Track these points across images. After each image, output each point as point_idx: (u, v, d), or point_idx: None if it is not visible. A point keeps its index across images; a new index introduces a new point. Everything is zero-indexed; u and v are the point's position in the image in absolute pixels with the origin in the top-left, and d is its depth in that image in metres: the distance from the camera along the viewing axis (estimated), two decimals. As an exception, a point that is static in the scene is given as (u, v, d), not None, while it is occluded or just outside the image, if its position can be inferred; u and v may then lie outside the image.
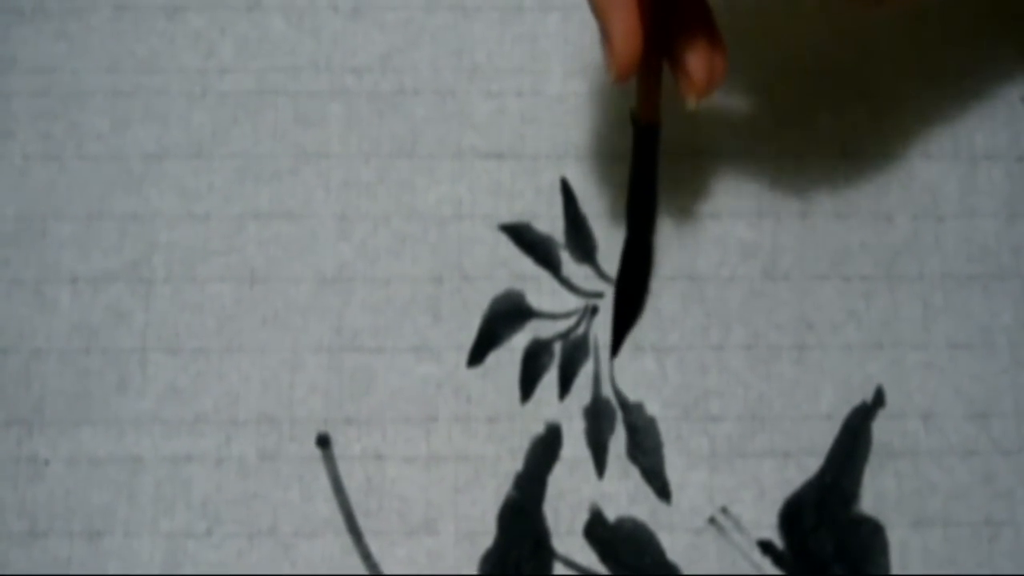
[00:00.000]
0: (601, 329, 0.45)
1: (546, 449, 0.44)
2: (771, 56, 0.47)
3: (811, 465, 0.44)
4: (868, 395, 0.44)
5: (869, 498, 0.43)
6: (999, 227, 0.46)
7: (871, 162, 0.47)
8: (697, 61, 0.39)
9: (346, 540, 0.43)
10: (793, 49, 0.48)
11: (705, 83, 0.39)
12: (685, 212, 0.46)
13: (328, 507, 0.43)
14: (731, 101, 0.47)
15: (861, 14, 0.46)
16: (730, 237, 0.46)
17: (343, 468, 0.43)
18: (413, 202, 0.46)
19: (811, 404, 0.44)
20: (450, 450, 0.44)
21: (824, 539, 0.43)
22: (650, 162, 0.43)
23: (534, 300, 0.45)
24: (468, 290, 0.45)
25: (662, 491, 0.43)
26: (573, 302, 0.45)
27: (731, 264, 0.46)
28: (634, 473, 0.44)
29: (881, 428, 0.44)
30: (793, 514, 0.43)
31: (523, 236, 0.46)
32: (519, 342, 0.45)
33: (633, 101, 0.42)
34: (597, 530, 0.43)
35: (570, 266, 0.46)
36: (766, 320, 0.45)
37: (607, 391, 0.44)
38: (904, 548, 0.43)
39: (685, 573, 0.42)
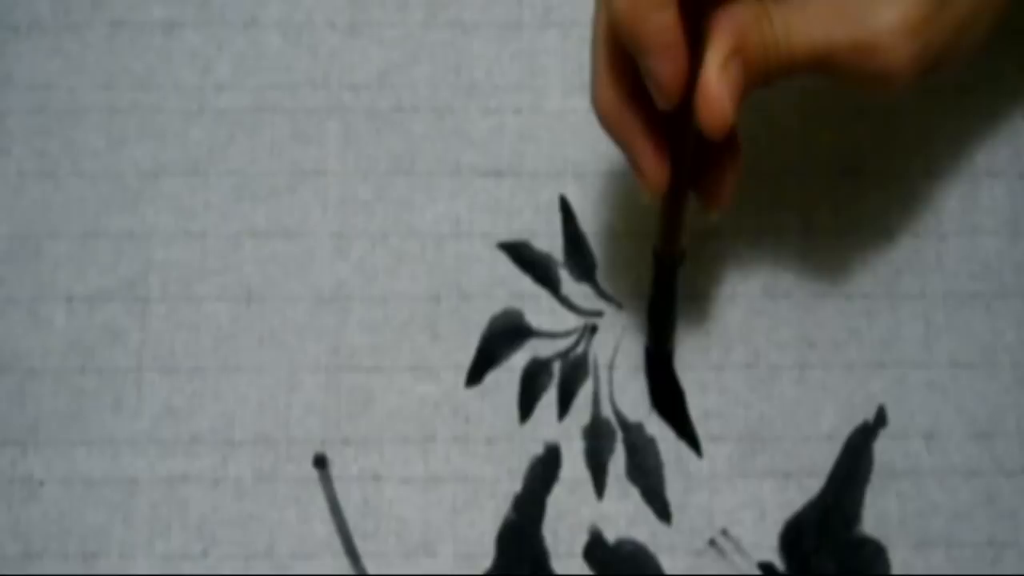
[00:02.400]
0: (600, 348, 0.45)
1: (545, 470, 0.43)
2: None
3: (812, 486, 0.43)
4: (870, 414, 0.44)
5: (871, 519, 0.43)
6: (1001, 245, 0.46)
7: (872, 179, 0.46)
8: (726, 185, 0.38)
9: (343, 562, 0.42)
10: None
11: (731, 198, 0.38)
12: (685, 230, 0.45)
13: (325, 528, 0.43)
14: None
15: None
16: (730, 255, 0.46)
17: (340, 489, 0.43)
18: (411, 220, 0.46)
19: (812, 424, 0.44)
20: (448, 471, 0.43)
21: (826, 561, 0.42)
22: (673, 290, 0.42)
23: (533, 319, 0.45)
24: (466, 309, 0.45)
25: (662, 512, 0.43)
26: (572, 321, 0.45)
27: (731, 282, 0.45)
28: (634, 494, 0.43)
29: (883, 448, 0.44)
30: (794, 536, 0.43)
31: (522, 254, 0.46)
32: (518, 361, 0.44)
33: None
34: (596, 552, 0.43)
35: (569, 284, 0.45)
36: (767, 339, 0.45)
37: (607, 411, 0.44)
38: (906, 569, 0.42)
39: (685, 595, 0.42)
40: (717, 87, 0.33)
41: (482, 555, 0.42)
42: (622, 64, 0.35)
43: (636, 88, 0.35)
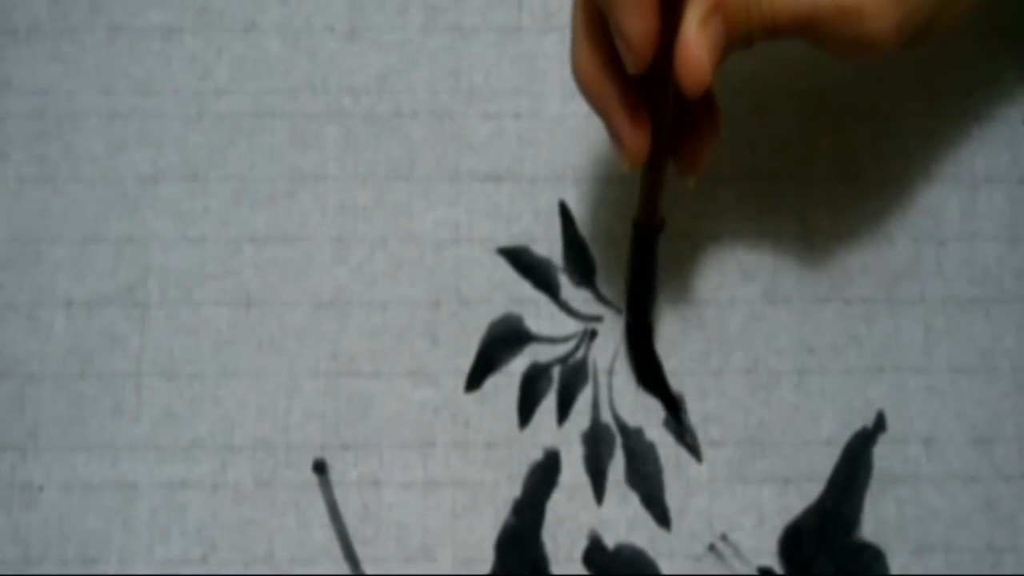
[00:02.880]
0: (600, 353, 0.45)
1: (544, 475, 0.43)
2: (771, 77, 0.47)
3: (811, 491, 0.43)
4: (869, 420, 0.44)
5: (870, 524, 0.43)
6: (1001, 250, 0.46)
7: (872, 184, 0.46)
8: (704, 151, 0.38)
9: (343, 567, 0.42)
10: (793, 70, 0.47)
11: (706, 164, 0.38)
12: (684, 235, 0.45)
13: (325, 534, 0.43)
14: (730, 122, 0.47)
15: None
16: (730, 260, 0.46)
17: (340, 494, 0.43)
18: (410, 225, 0.46)
19: (811, 429, 0.44)
20: (448, 476, 0.43)
21: (825, 566, 0.42)
22: (652, 259, 0.42)
23: (532, 324, 0.45)
24: (466, 314, 0.45)
25: (661, 517, 0.43)
26: (572, 326, 0.45)
27: (731, 287, 0.45)
28: (633, 499, 0.43)
29: (882, 453, 0.44)
30: (793, 541, 0.43)
31: (521, 259, 0.46)
32: (517, 367, 0.44)
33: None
34: (596, 557, 0.43)
35: (569, 289, 0.45)
36: (766, 344, 0.45)
37: (606, 416, 0.44)
38: (905, 575, 0.42)
39: (685, 601, 0.42)
40: (696, 44, 0.33)
41: (481, 560, 0.42)
42: (601, 30, 0.35)
43: (615, 55, 0.35)
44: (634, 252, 0.42)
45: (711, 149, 0.38)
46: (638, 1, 0.32)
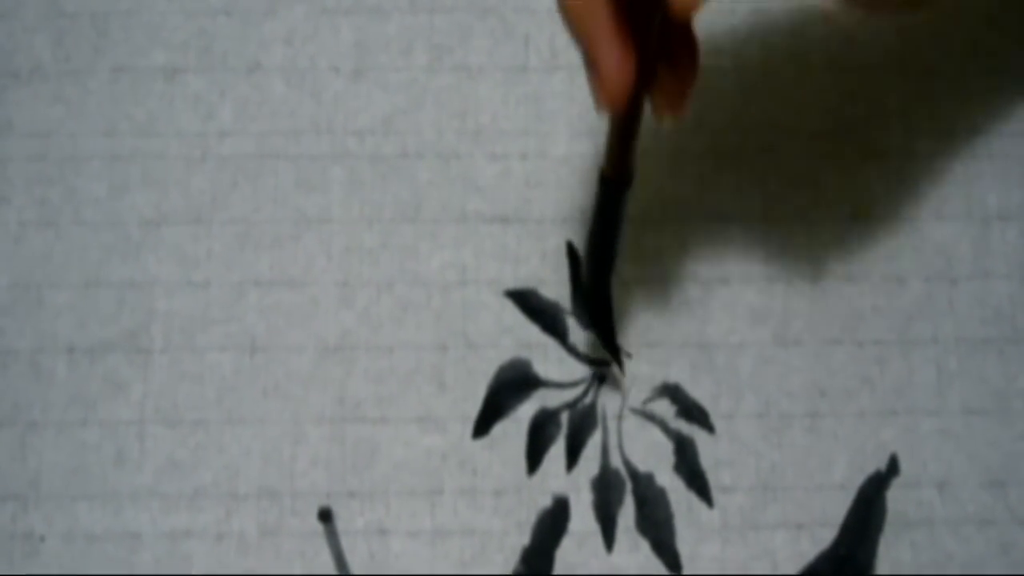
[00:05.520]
0: (609, 398, 0.44)
1: (554, 522, 0.43)
2: (779, 117, 0.47)
3: (825, 536, 0.43)
4: (882, 463, 0.44)
5: (885, 569, 0.42)
6: (1014, 289, 0.45)
7: (882, 224, 0.46)
8: (684, 87, 0.35)
9: (350, 618, 0.42)
10: (802, 109, 0.47)
11: (687, 104, 0.35)
12: (694, 278, 0.45)
13: (331, 584, 0.42)
14: (739, 163, 0.46)
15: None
16: (740, 303, 0.45)
17: (346, 543, 0.42)
18: (416, 268, 0.45)
19: (824, 473, 0.43)
20: (456, 524, 0.43)
21: (839, 613, 0.42)
22: (619, 218, 0.39)
23: (540, 369, 0.44)
24: (473, 358, 0.44)
25: (673, 564, 0.42)
26: (580, 371, 0.44)
27: (741, 331, 0.45)
28: (644, 546, 0.43)
29: (896, 497, 0.43)
30: (807, 588, 0.42)
31: (529, 302, 0.45)
32: (525, 412, 0.44)
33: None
34: (607, 606, 0.42)
35: (577, 333, 0.45)
36: (777, 387, 0.44)
37: (616, 462, 0.43)
38: (921, 622, 0.42)
39: (697, 651, 0.42)
40: None
41: (491, 610, 0.42)
42: None
43: None
44: (599, 209, 0.39)
45: (691, 86, 0.35)
46: None
